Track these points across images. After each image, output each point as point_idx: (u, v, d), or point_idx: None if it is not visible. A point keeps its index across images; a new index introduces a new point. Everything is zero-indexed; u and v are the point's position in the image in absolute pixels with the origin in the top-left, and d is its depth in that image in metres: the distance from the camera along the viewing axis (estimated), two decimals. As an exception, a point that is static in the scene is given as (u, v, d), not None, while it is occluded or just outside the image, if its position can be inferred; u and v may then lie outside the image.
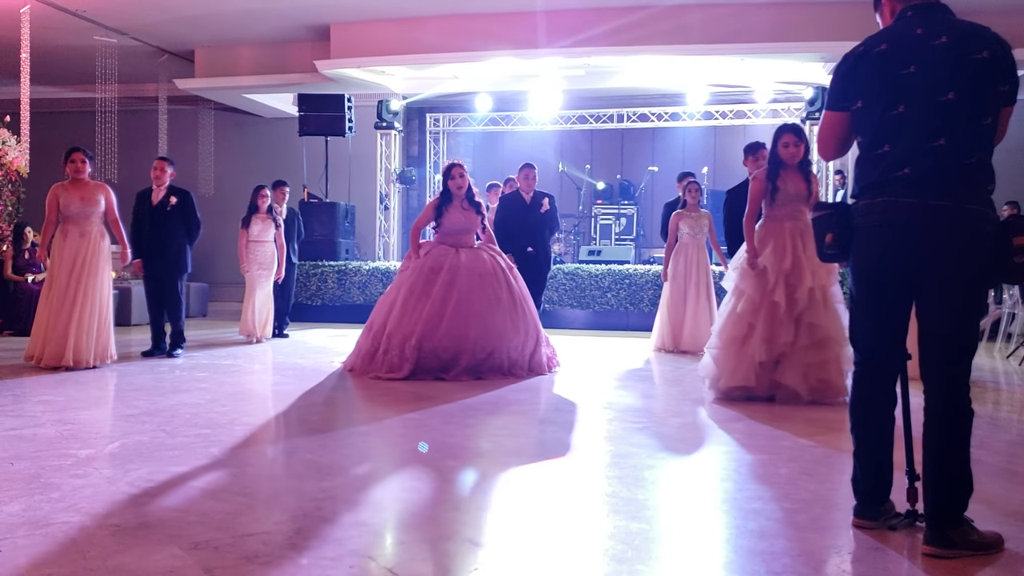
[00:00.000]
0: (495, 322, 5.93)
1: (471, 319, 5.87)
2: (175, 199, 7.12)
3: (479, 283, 5.98)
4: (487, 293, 5.97)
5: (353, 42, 11.11)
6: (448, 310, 5.85)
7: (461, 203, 6.20)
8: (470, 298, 5.90)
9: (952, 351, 2.55)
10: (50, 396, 5.14)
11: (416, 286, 6.00)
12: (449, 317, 5.83)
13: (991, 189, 2.56)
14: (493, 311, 5.95)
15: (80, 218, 6.31)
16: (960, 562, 2.45)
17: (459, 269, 5.98)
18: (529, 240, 7.32)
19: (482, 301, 5.93)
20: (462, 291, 5.91)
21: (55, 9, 10.20)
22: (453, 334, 5.82)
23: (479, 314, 5.90)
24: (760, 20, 9.95)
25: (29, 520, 2.72)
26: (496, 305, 5.98)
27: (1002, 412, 5.27)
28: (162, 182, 7.16)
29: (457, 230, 6.20)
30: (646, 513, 2.93)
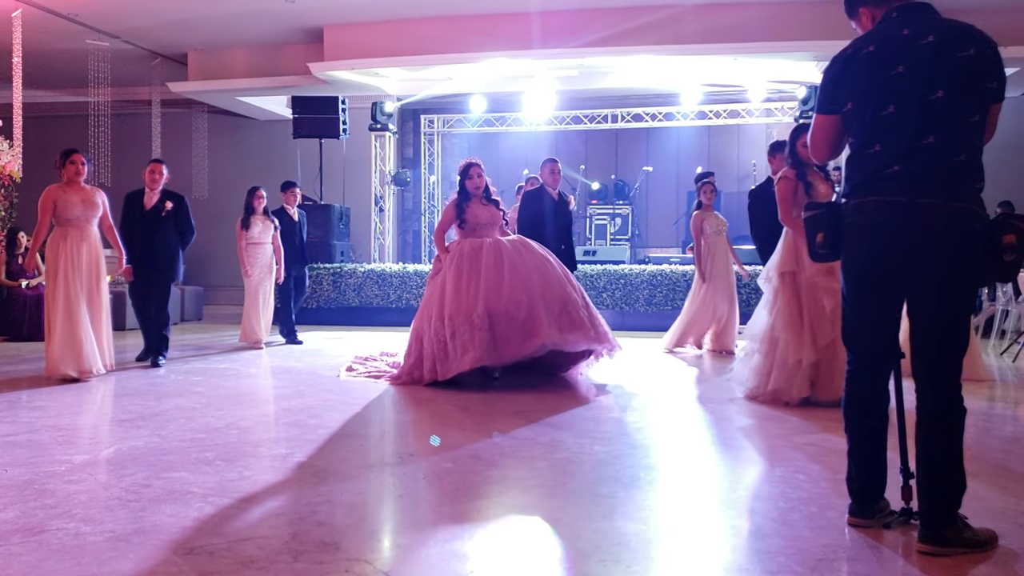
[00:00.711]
0: (555, 275, 5.81)
1: (531, 273, 5.72)
2: (171, 204, 6.99)
3: (522, 250, 5.90)
4: (535, 255, 5.88)
5: (347, 44, 11.11)
6: (504, 273, 5.70)
7: (480, 200, 6.13)
8: (520, 259, 5.79)
9: (944, 349, 2.56)
10: (44, 402, 5.12)
11: (462, 268, 5.82)
12: (508, 279, 5.67)
13: (980, 187, 2.57)
14: (547, 267, 5.84)
15: (82, 222, 6.19)
16: (954, 559, 2.46)
17: (498, 243, 5.92)
18: (562, 238, 7.14)
19: (534, 259, 5.83)
20: (511, 256, 5.80)
21: (47, 13, 10.18)
22: (519, 289, 5.63)
23: (537, 268, 5.77)
24: (753, 20, 9.98)
25: (24, 527, 2.71)
26: (548, 264, 5.88)
27: (996, 409, 5.28)
28: (157, 185, 7.02)
29: (482, 224, 6.07)
30: (643, 514, 2.94)
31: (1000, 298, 8.84)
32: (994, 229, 2.54)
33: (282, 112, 13.61)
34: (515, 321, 5.55)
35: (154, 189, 7.04)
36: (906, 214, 2.52)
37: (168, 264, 7.00)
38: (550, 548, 2.59)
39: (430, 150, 14.32)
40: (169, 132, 13.16)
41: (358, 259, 12.67)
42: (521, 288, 5.62)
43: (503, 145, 14.21)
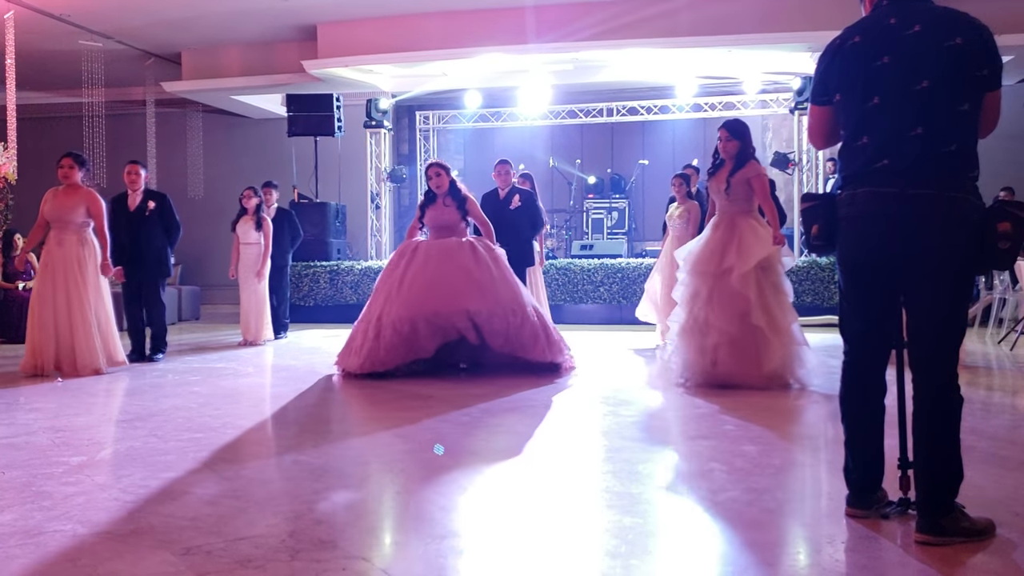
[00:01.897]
0: (457, 287, 5.79)
1: (428, 287, 5.78)
2: (153, 203, 7.00)
3: (436, 257, 5.93)
4: (446, 264, 5.88)
5: (340, 41, 11.08)
6: (405, 285, 5.83)
7: (443, 200, 6.19)
8: (425, 269, 5.87)
9: (940, 339, 2.55)
10: (42, 404, 5.12)
11: (383, 275, 6.09)
12: (406, 290, 5.80)
13: (974, 176, 2.54)
14: (452, 277, 5.83)
15: (59, 225, 6.21)
16: (952, 549, 2.46)
17: (419, 250, 6.00)
18: (501, 235, 7.21)
19: (440, 270, 5.84)
20: (417, 266, 5.90)
21: (39, 14, 10.13)
22: (409, 304, 5.75)
23: (434, 281, 5.80)
24: (747, 11, 9.95)
25: (21, 529, 2.71)
26: (458, 271, 5.85)
27: (994, 398, 5.29)
28: (137, 186, 7.05)
29: (440, 226, 6.18)
30: (640, 507, 2.94)
31: (997, 287, 8.85)
32: (989, 217, 2.53)
33: (277, 110, 13.58)
34: (400, 334, 5.71)
35: (135, 190, 7.06)
36: (898, 205, 2.51)
37: (155, 263, 7.03)
38: (549, 542, 2.59)
39: (426, 146, 14.29)
40: (164, 132, 13.13)
41: (354, 256, 12.66)
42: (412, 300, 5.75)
43: (499, 140, 14.18)
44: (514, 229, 7.36)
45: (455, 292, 5.77)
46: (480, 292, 5.81)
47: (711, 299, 5.25)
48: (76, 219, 6.26)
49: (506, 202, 7.46)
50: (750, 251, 5.22)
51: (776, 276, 5.31)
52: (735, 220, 5.36)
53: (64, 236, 6.23)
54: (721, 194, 5.44)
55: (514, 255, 7.07)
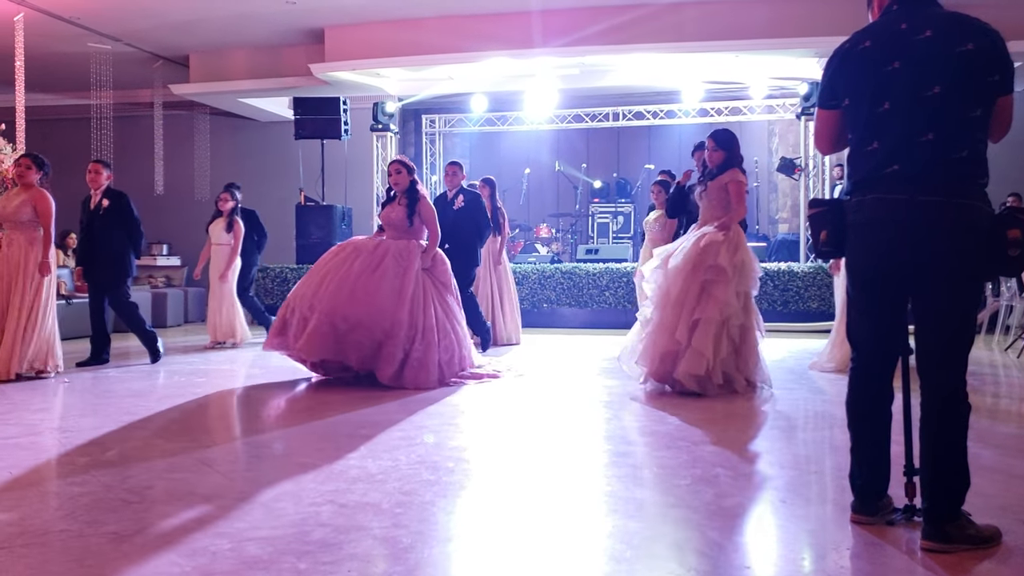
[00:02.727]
0: (357, 294, 5.66)
1: (325, 285, 5.73)
2: (107, 202, 6.84)
3: (354, 259, 5.85)
4: (356, 267, 5.79)
5: (347, 45, 11.11)
6: (340, 283, 5.73)
7: (399, 199, 6.13)
8: (337, 268, 5.81)
9: (948, 346, 2.54)
10: (48, 404, 5.14)
11: (324, 261, 6.01)
12: (314, 284, 5.78)
13: (984, 183, 2.53)
14: (356, 282, 5.72)
15: (8, 225, 6.16)
16: (958, 556, 2.45)
17: (356, 252, 5.92)
18: (445, 237, 7.14)
19: (373, 281, 5.73)
20: (332, 263, 5.87)
21: (49, 16, 10.19)
22: (307, 296, 5.73)
23: (337, 281, 5.72)
24: (755, 16, 9.95)
25: (27, 529, 2.72)
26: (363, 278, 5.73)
27: (1000, 405, 5.27)
28: (98, 185, 6.88)
29: (387, 224, 6.14)
30: (644, 512, 2.94)
31: (1004, 293, 8.82)
32: (999, 224, 2.52)
33: (284, 113, 13.62)
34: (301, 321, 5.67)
35: (96, 189, 6.93)
36: (908, 212, 2.50)
37: (112, 263, 6.82)
38: (554, 546, 2.59)
39: (432, 150, 14.32)
40: (171, 134, 13.17)
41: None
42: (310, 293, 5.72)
43: (505, 144, 14.21)
44: (455, 230, 7.44)
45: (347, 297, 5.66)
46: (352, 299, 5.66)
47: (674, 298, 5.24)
48: (23, 218, 6.12)
49: (451, 203, 7.59)
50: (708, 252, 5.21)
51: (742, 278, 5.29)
52: (707, 224, 5.41)
53: (13, 236, 6.13)
54: (701, 199, 5.51)
55: (456, 256, 7.08)
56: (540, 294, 10.66)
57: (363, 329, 5.63)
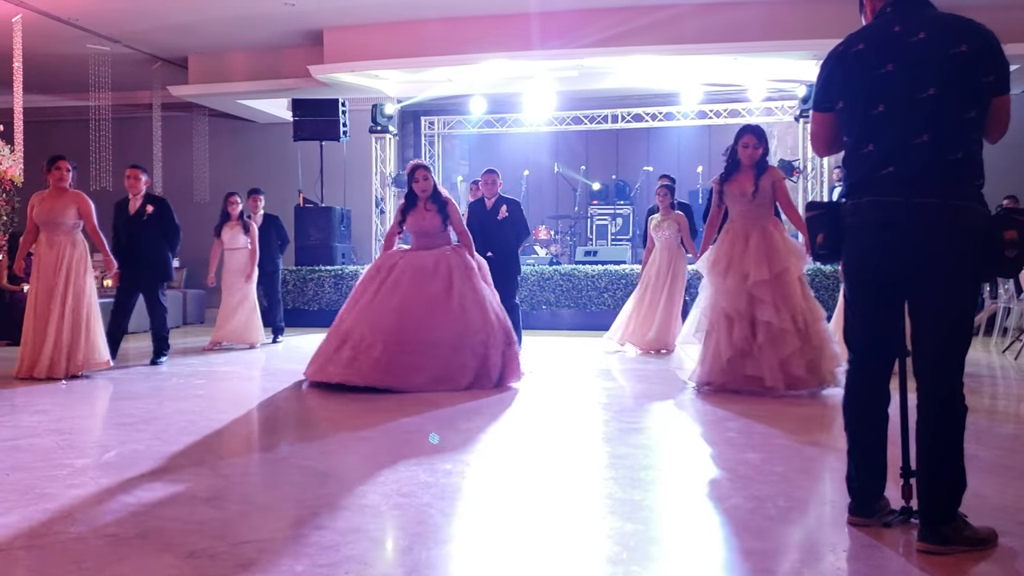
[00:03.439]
0: (421, 316, 5.62)
1: (388, 312, 5.63)
2: (152, 208, 7.03)
3: (411, 279, 5.77)
4: (417, 289, 5.72)
5: (346, 47, 11.12)
6: (397, 305, 5.66)
7: (425, 205, 6.01)
8: (422, 292, 5.70)
9: (945, 348, 2.55)
10: (46, 406, 5.13)
11: (367, 286, 5.89)
12: (398, 313, 5.62)
13: (980, 184, 2.53)
14: (442, 305, 5.67)
15: (49, 228, 6.26)
16: (954, 558, 2.46)
17: (396, 267, 5.83)
18: (489, 246, 7.20)
19: (433, 292, 5.69)
20: (415, 284, 5.73)
21: (47, 18, 10.19)
22: (374, 326, 5.61)
23: (430, 304, 5.65)
24: (752, 19, 9.97)
25: (26, 531, 2.72)
26: (426, 300, 5.69)
27: (997, 407, 5.28)
28: (137, 190, 7.08)
29: (420, 232, 6.03)
30: (642, 514, 2.94)
31: (1001, 295, 8.83)
32: (996, 225, 2.52)
33: (283, 115, 13.62)
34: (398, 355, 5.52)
35: (135, 195, 7.09)
36: (904, 214, 2.51)
37: (154, 266, 7.03)
38: (552, 548, 2.59)
39: (431, 152, 14.32)
40: (170, 136, 13.18)
41: (359, 261, 12.68)
42: (377, 323, 5.60)
43: (503, 146, 14.21)
44: (502, 240, 7.33)
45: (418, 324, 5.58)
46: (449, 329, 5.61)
47: (760, 304, 5.21)
48: (67, 221, 6.30)
49: (493, 212, 7.42)
50: (789, 257, 5.28)
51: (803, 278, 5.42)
52: (766, 227, 5.37)
53: (55, 238, 6.26)
54: (745, 198, 5.38)
55: (501, 265, 7.08)
56: (539, 296, 10.67)
57: (464, 351, 5.59)
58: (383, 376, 5.46)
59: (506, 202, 7.49)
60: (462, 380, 5.59)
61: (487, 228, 7.26)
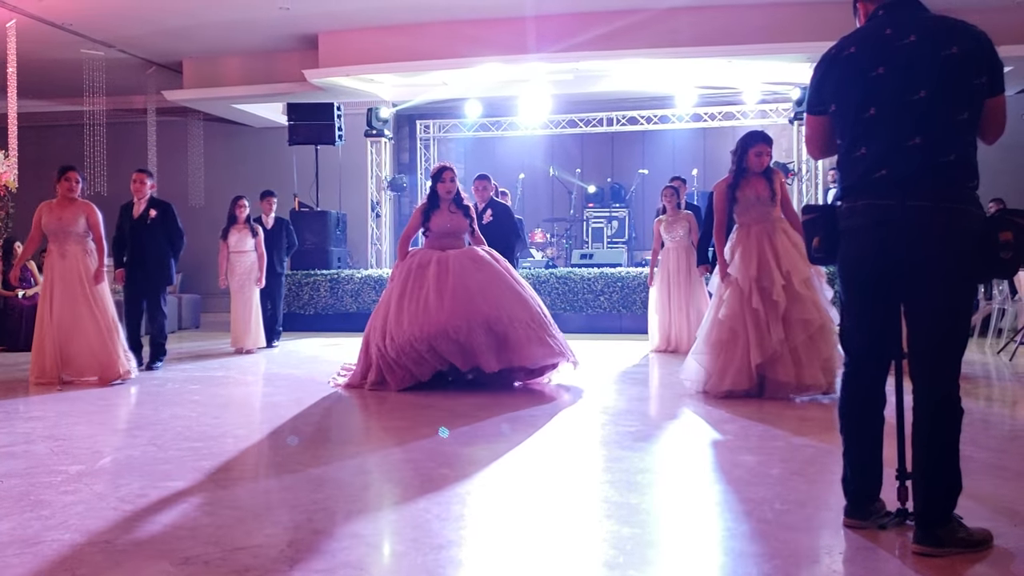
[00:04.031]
0: (503, 294, 5.66)
1: (475, 295, 5.58)
2: (155, 212, 7.06)
3: (473, 265, 5.75)
4: (485, 271, 5.72)
5: (341, 51, 11.12)
6: (447, 294, 5.57)
7: (449, 206, 6.01)
8: (466, 279, 5.64)
9: (941, 350, 2.55)
10: (41, 412, 5.12)
11: (407, 286, 5.76)
12: (449, 301, 5.55)
13: (974, 186, 2.53)
14: (495, 284, 5.68)
15: (59, 237, 6.29)
16: (949, 560, 2.46)
17: (448, 258, 5.77)
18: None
19: (481, 277, 5.67)
20: (457, 274, 5.66)
21: (41, 23, 10.18)
22: (460, 313, 5.51)
23: (481, 288, 5.62)
24: (746, 22, 10.00)
25: (19, 538, 2.71)
26: (498, 279, 5.72)
27: (993, 408, 5.29)
28: (142, 194, 7.09)
29: (445, 233, 5.99)
30: (639, 517, 2.94)
31: (996, 297, 8.85)
32: (991, 226, 2.52)
33: (278, 119, 13.63)
34: (454, 343, 5.51)
35: (140, 199, 7.10)
36: (898, 217, 2.51)
37: (155, 270, 7.06)
38: (548, 553, 2.59)
39: (426, 155, 14.34)
40: (165, 140, 13.17)
41: (355, 265, 12.68)
42: (462, 311, 5.53)
43: (499, 150, 14.23)
44: (490, 243, 7.19)
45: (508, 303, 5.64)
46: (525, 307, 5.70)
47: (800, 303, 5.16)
48: (78, 230, 6.33)
49: (479, 217, 7.35)
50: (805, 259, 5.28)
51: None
52: (784, 227, 5.36)
53: (66, 248, 6.29)
54: (761, 202, 5.36)
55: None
56: (535, 299, 10.65)
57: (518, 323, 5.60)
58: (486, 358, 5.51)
59: (493, 206, 7.47)
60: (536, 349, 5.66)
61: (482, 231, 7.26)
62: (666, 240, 8.22)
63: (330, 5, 10.02)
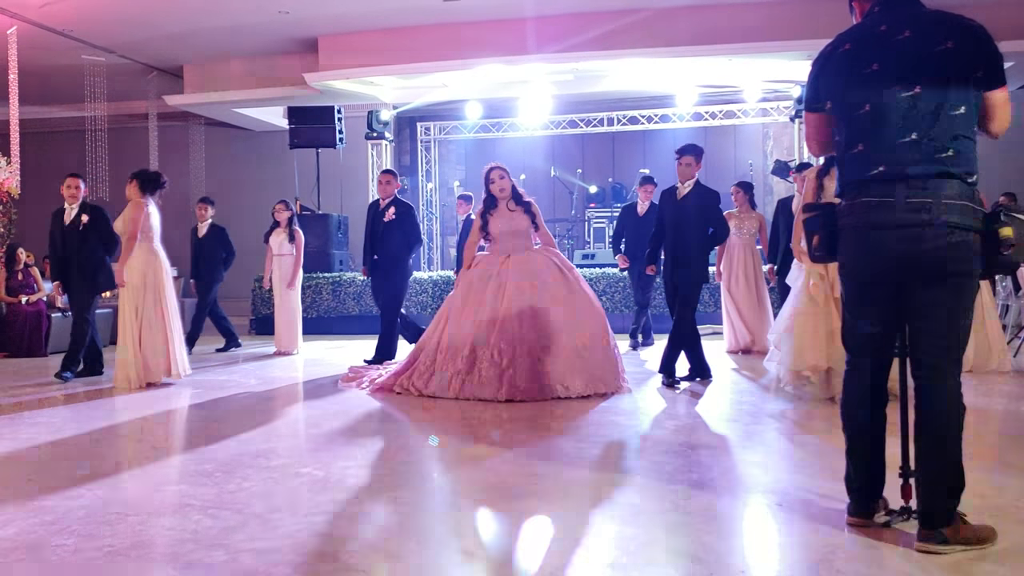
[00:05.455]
0: (554, 321, 5.52)
1: (526, 318, 5.48)
2: (87, 217, 6.88)
3: (531, 284, 5.62)
4: (542, 293, 5.59)
5: (341, 54, 11.14)
6: (499, 315, 5.49)
7: (507, 205, 5.85)
8: (521, 300, 5.53)
9: (942, 348, 2.54)
10: (45, 418, 5.13)
11: (468, 298, 5.70)
12: (501, 322, 5.47)
13: (973, 181, 2.52)
14: (549, 310, 5.55)
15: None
16: (953, 558, 2.45)
17: (509, 273, 5.65)
18: (376, 248, 7.24)
19: (536, 299, 5.55)
20: (514, 293, 5.56)
21: (43, 29, 10.21)
22: (508, 337, 5.45)
23: (533, 312, 5.51)
24: (746, 20, 10.00)
25: (24, 543, 2.71)
26: (553, 304, 5.58)
27: (996, 405, 5.27)
28: (74, 200, 6.92)
29: (504, 234, 5.82)
30: (640, 518, 2.93)
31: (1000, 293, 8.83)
32: (990, 222, 2.52)
33: (278, 123, 13.64)
34: (496, 366, 5.43)
35: (72, 204, 6.93)
36: (896, 214, 2.50)
37: (90, 278, 6.85)
38: (550, 554, 2.59)
39: (427, 157, 14.34)
40: (166, 145, 13.19)
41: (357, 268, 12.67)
42: (510, 335, 5.46)
43: (500, 151, 14.22)
44: (384, 242, 7.30)
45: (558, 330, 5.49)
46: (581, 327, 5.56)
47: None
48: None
49: (382, 213, 7.40)
50: None
51: None
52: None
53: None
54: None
55: (385, 271, 7.15)
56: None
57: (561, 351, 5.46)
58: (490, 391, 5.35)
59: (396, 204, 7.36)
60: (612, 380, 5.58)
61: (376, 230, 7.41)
62: (734, 236, 8.13)
63: (330, 8, 10.03)
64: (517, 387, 5.34)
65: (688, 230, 5.92)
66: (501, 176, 5.88)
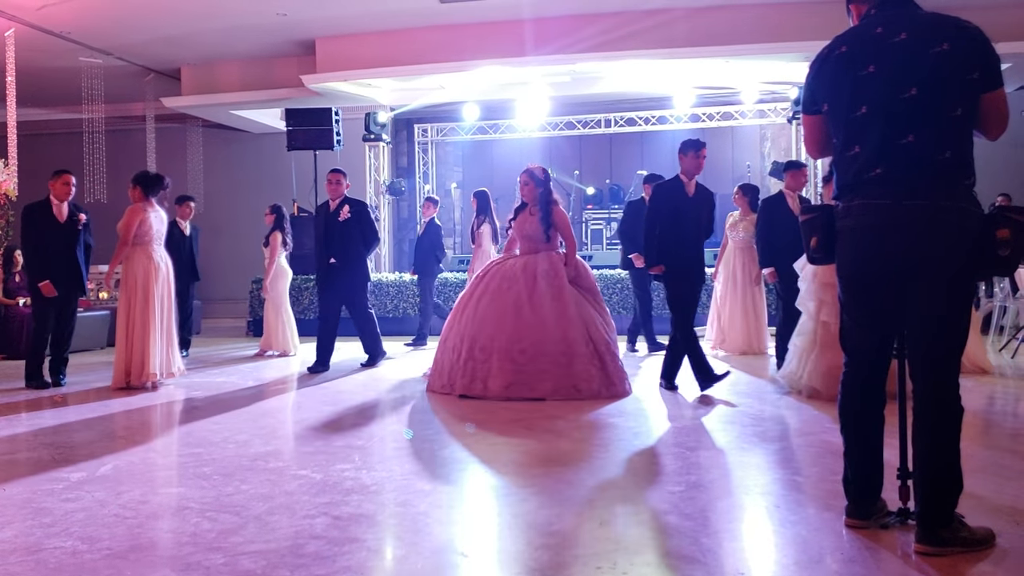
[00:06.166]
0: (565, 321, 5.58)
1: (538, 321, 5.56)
2: (84, 217, 6.79)
3: (507, 289, 5.70)
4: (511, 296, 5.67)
5: (339, 56, 11.14)
6: (515, 314, 5.59)
7: (530, 210, 5.94)
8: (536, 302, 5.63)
9: (940, 349, 2.55)
10: (43, 420, 5.12)
11: (488, 291, 5.79)
12: (514, 322, 5.57)
13: (970, 183, 2.52)
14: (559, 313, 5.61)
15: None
16: (951, 559, 2.46)
17: (521, 277, 5.73)
18: (332, 250, 7.20)
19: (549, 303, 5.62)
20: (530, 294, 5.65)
21: (40, 31, 10.20)
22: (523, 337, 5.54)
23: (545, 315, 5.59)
24: (743, 22, 10.01)
25: (21, 546, 2.71)
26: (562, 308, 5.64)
27: (994, 406, 5.28)
28: (70, 197, 6.76)
29: (526, 236, 5.94)
30: (638, 519, 2.94)
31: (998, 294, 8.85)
32: (988, 224, 2.51)
33: (276, 125, 13.64)
34: (515, 363, 5.52)
35: (63, 201, 6.72)
36: (893, 216, 2.51)
37: (79, 277, 6.75)
38: (548, 555, 2.59)
39: (424, 159, 14.34)
40: (164, 147, 13.18)
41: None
42: (525, 336, 5.54)
43: (497, 153, 14.24)
44: (342, 242, 7.22)
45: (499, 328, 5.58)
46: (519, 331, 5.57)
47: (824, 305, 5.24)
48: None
49: (335, 214, 7.33)
50: None
51: None
52: None
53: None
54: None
55: (345, 272, 7.14)
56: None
57: (543, 358, 5.51)
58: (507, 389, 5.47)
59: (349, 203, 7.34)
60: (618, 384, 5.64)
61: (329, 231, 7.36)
62: (730, 239, 8.25)
63: (327, 11, 10.04)
64: (530, 387, 5.46)
65: (692, 226, 5.92)
66: (525, 182, 5.97)
